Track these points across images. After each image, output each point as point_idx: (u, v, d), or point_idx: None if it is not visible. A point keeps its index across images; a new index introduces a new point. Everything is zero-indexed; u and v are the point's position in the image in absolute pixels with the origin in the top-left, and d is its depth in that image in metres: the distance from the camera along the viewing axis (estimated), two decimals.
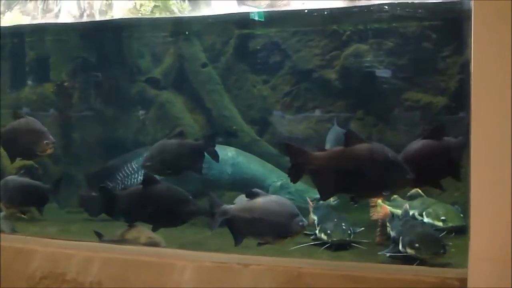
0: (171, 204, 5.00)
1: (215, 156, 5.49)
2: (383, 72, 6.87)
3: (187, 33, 7.54)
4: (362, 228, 5.70)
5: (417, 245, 4.70)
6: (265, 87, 7.45)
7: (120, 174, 6.88)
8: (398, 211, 5.63)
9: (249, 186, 5.94)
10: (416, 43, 6.72)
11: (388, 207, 5.68)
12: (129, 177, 6.84)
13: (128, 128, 7.64)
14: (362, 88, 6.97)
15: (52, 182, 5.79)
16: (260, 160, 6.87)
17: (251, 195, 4.62)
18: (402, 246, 4.81)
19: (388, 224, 5.37)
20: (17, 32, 7.97)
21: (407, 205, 5.58)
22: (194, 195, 5.39)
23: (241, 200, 4.72)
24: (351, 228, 5.52)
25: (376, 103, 6.89)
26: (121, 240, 5.15)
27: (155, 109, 7.75)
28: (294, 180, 4.36)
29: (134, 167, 6.88)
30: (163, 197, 5.03)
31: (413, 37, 6.73)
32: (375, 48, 6.86)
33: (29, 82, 8.20)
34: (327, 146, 5.29)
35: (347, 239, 5.40)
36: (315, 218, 5.83)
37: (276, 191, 6.45)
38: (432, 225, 5.53)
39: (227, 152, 6.76)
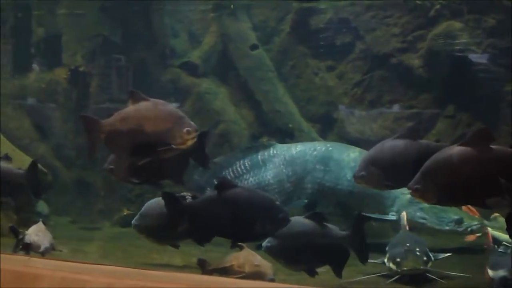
0: (254, 212, 4.30)
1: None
2: (481, 58, 6.48)
3: (232, 6, 7.35)
4: (449, 254, 5.04)
5: None
6: (330, 75, 7.15)
7: (230, 174, 6.40)
8: (506, 236, 4.73)
9: (370, 197, 5.90)
10: None
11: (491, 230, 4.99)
12: (240, 178, 6.31)
13: None
14: (453, 77, 6.56)
15: (27, 168, 5.14)
16: None
17: None
18: None
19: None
20: (22, 4, 7.80)
21: None
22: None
23: None
24: (430, 254, 4.82)
25: (472, 97, 6.48)
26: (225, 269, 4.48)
27: (192, 101, 7.45)
28: None
29: (246, 165, 6.37)
30: (243, 204, 4.32)
31: None
32: (472, 26, 6.47)
33: (36, 67, 7.94)
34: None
35: (421, 267, 4.67)
36: None
37: (404, 206, 5.77)
38: None
39: (349, 153, 6.16)
